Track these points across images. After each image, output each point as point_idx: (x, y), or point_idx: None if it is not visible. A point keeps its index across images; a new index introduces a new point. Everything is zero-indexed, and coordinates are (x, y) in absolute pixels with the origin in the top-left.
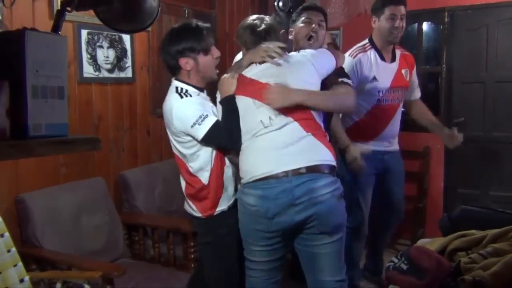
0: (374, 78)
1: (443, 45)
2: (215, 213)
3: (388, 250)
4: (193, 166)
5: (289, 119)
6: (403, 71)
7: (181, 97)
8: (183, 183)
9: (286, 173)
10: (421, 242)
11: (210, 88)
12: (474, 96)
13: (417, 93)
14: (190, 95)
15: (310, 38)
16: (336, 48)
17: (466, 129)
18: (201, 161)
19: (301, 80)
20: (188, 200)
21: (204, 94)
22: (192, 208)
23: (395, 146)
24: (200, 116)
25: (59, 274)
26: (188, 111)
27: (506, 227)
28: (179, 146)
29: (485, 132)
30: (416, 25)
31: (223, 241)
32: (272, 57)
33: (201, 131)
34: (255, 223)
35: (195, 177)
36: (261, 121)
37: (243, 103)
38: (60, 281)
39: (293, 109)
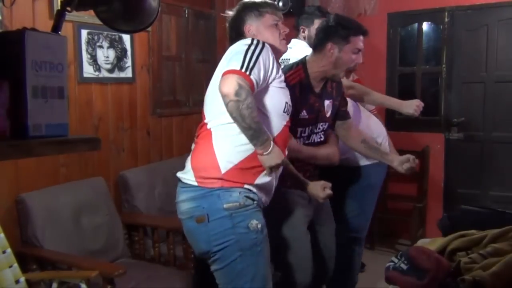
0: None
1: (443, 45)
2: None
3: (388, 250)
4: None
5: None
6: None
7: None
8: None
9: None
10: (421, 242)
11: None
12: (474, 96)
13: None
14: None
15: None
16: None
17: (466, 129)
18: None
19: None
20: None
21: None
22: None
23: None
24: None
25: (55, 274)
26: None
27: (506, 227)
28: None
29: (485, 132)
30: (416, 25)
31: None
32: None
33: None
34: None
35: None
36: None
37: None
38: (56, 281)
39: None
